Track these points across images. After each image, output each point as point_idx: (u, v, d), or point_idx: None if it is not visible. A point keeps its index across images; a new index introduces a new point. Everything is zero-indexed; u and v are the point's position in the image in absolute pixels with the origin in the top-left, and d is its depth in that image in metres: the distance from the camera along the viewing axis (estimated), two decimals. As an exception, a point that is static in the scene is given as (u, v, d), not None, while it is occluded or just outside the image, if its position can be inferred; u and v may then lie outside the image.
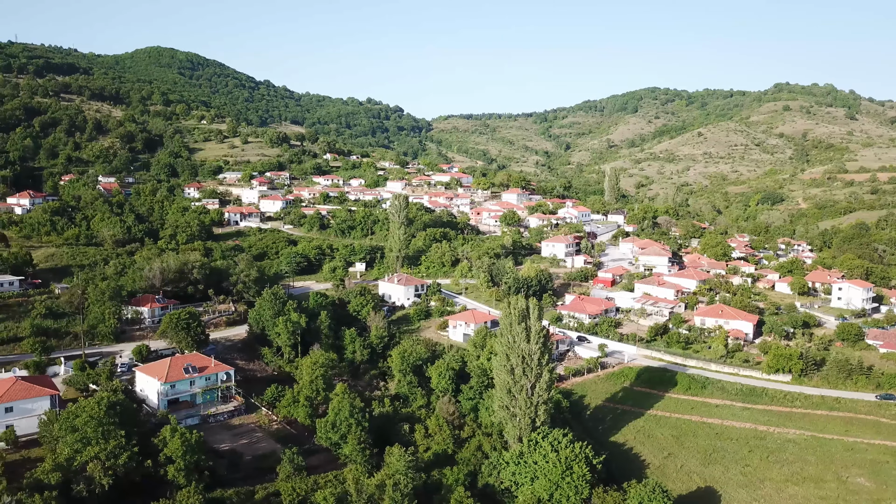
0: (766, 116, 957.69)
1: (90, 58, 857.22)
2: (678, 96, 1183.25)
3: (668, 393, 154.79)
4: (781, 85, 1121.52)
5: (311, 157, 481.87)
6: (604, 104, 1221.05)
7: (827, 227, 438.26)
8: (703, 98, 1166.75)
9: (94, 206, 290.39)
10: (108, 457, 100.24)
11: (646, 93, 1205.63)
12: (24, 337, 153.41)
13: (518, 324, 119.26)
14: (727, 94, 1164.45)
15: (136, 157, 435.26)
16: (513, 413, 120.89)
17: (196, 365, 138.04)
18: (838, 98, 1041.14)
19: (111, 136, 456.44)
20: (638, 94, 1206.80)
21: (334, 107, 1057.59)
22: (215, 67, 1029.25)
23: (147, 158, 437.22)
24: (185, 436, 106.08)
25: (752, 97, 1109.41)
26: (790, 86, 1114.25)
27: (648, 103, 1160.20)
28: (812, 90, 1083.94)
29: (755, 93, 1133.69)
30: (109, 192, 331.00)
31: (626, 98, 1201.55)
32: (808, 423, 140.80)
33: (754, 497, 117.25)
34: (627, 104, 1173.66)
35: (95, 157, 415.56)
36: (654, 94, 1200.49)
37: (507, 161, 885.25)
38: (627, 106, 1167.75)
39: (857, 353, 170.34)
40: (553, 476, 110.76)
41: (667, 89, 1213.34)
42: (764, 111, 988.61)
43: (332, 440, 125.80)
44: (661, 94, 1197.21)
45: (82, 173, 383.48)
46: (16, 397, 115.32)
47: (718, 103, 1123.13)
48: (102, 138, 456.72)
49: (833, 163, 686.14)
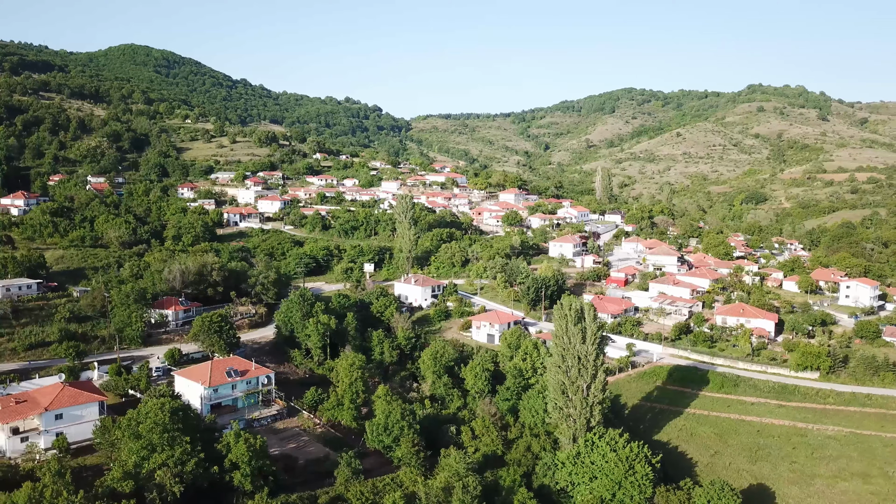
0: (742, 117, 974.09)
1: (63, 55, 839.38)
2: (654, 97, 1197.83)
3: (702, 391, 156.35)
4: (755, 86, 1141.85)
5: (301, 156, 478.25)
6: (581, 104, 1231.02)
7: (812, 226, 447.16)
8: (679, 99, 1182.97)
9: (92, 207, 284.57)
10: (176, 463, 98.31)
11: (622, 93, 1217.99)
12: (52, 342, 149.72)
13: (574, 325, 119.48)
14: (702, 95, 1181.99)
15: (123, 156, 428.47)
16: (568, 414, 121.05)
17: (238, 368, 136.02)
18: (810, 99, 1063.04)
19: (96, 136, 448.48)
20: (615, 94, 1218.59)
21: (313, 106, 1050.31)
22: (191, 66, 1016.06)
23: (135, 158, 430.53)
24: (250, 441, 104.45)
25: (727, 98, 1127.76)
26: (763, 87, 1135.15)
27: (625, 104, 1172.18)
28: (784, 91, 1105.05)
29: (729, 94, 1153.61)
30: (101, 193, 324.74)
31: (603, 98, 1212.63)
32: (844, 419, 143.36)
33: (807, 493, 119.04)
34: (605, 105, 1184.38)
35: (83, 157, 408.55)
36: (631, 94, 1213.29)
37: (488, 161, 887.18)
38: (605, 106, 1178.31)
39: (876, 349, 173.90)
40: (616, 475, 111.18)
41: (643, 90, 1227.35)
42: (739, 112, 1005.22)
43: (385, 443, 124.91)
44: (638, 94, 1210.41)
45: (71, 173, 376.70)
46: (65, 404, 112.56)
47: (694, 104, 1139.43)
48: (87, 137, 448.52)
49: (811, 163, 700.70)
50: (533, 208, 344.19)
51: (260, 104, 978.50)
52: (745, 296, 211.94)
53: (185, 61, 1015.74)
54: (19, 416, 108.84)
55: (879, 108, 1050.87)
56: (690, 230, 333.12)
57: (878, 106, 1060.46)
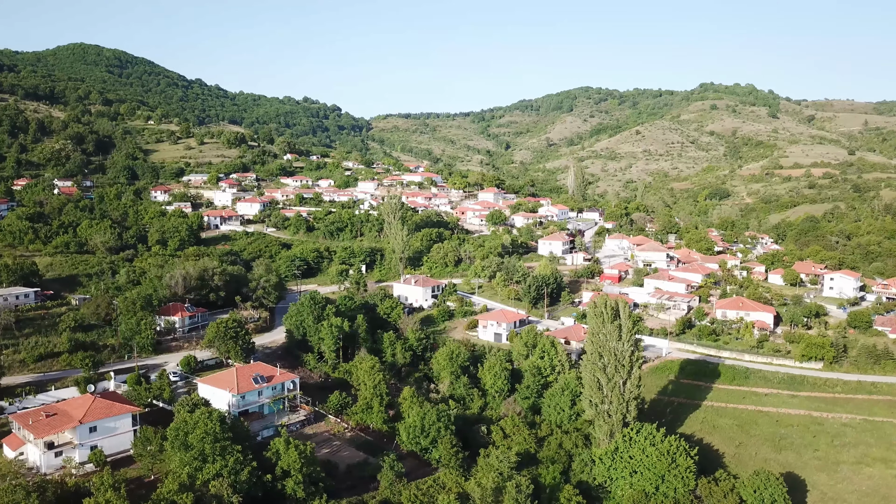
0: (696, 115, 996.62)
1: (9, 54, 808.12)
2: (610, 95, 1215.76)
3: (715, 384, 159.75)
4: (707, 85, 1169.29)
5: (272, 157, 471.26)
6: (539, 104, 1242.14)
7: (777, 220, 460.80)
8: (634, 97, 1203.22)
9: (67, 212, 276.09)
10: (230, 473, 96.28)
11: (580, 92, 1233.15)
12: (61, 352, 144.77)
13: (611, 322, 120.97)
14: (657, 94, 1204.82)
15: (88, 159, 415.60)
16: (605, 410, 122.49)
17: (264, 374, 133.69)
18: (759, 97, 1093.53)
19: (58, 138, 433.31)
20: (572, 93, 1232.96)
21: (272, 106, 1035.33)
22: (144, 65, 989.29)
23: (100, 161, 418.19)
24: (300, 448, 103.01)
25: (681, 96, 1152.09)
26: (715, 86, 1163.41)
27: (583, 102, 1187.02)
28: (735, 90, 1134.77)
29: (683, 92, 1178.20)
30: (71, 197, 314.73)
31: (560, 97, 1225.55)
32: (855, 407, 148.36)
33: (836, 480, 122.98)
34: (563, 103, 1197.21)
35: (46, 160, 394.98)
36: (588, 93, 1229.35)
37: (451, 160, 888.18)
38: (563, 105, 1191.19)
39: (870, 339, 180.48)
40: (659, 469, 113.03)
41: (599, 88, 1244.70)
42: (693, 110, 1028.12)
43: (422, 445, 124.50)
44: (595, 93, 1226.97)
45: (35, 177, 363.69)
46: (98, 416, 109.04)
47: (649, 102, 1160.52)
48: (48, 140, 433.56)
49: (767, 159, 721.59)
50: (514, 207, 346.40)
51: (217, 104, 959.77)
52: (738, 290, 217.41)
53: (139, 61, 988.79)
54: (53, 430, 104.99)
55: (825, 105, 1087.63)
56: (669, 226, 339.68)
57: (824, 104, 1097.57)
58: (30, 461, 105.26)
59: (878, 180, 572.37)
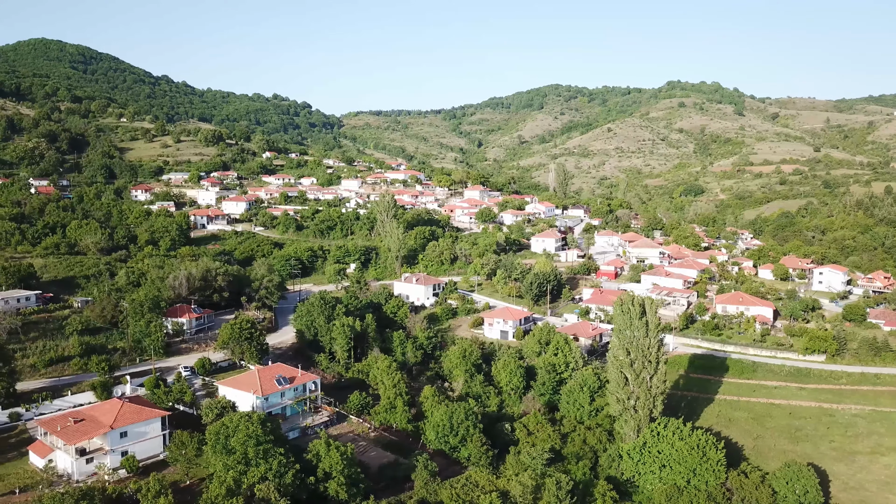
0: (665, 112, 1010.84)
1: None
2: (580, 93, 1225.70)
3: (724, 378, 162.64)
4: (674, 83, 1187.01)
5: (251, 155, 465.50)
6: (510, 101, 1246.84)
7: (752, 216, 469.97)
8: (603, 95, 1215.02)
9: (50, 212, 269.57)
10: (275, 476, 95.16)
11: (550, 90, 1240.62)
12: (72, 356, 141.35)
13: (638, 319, 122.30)
14: (625, 92, 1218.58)
15: (63, 157, 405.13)
16: (632, 405, 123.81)
17: (286, 376, 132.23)
18: (725, 95, 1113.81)
19: (30, 136, 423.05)
20: (542, 91, 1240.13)
21: (241, 103, 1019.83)
22: (109, 61, 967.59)
23: (75, 159, 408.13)
24: (342, 449, 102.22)
25: (649, 94, 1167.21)
26: (682, 83, 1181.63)
27: (553, 100, 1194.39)
28: (701, 88, 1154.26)
29: (651, 90, 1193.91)
30: (49, 196, 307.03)
31: (531, 95, 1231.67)
32: (862, 398, 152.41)
33: (854, 469, 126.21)
34: (533, 101, 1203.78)
35: (19, 159, 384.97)
36: (558, 90, 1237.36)
37: (425, 157, 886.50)
38: (533, 103, 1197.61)
39: (866, 331, 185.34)
40: (690, 463, 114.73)
41: (569, 86, 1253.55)
42: (661, 108, 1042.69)
43: (451, 444, 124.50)
44: (564, 91, 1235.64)
45: (9, 176, 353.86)
46: (129, 421, 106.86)
47: (618, 100, 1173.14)
48: (19, 138, 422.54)
49: (737, 156, 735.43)
50: (502, 205, 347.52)
51: (186, 102, 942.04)
52: (735, 285, 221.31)
53: (103, 57, 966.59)
54: (85, 436, 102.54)
55: (787, 103, 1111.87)
56: (654, 222, 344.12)
57: (786, 101, 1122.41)
58: (59, 468, 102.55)
59: (845, 176, 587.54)
